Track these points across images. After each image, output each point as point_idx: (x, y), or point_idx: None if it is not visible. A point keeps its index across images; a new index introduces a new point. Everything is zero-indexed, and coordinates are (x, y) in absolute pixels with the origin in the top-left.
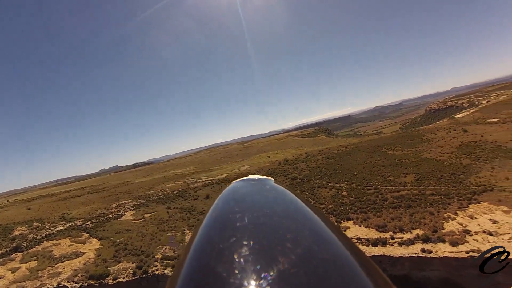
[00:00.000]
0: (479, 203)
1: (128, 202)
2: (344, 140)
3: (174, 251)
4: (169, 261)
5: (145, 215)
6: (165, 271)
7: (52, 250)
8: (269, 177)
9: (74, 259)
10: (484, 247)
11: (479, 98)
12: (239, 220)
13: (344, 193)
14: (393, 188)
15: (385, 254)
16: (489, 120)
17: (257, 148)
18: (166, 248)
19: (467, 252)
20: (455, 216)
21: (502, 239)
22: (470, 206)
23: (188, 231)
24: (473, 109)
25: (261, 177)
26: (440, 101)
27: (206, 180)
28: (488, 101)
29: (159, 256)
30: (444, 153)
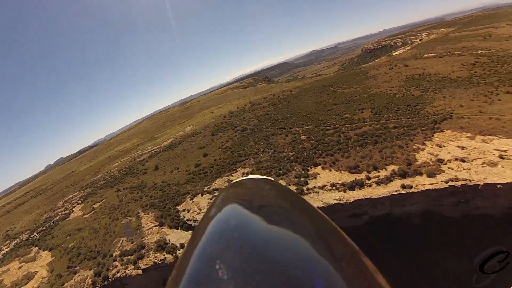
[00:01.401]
0: (442, 131)
1: (75, 196)
2: (287, 85)
3: (132, 242)
4: (129, 257)
5: (94, 206)
6: (127, 271)
7: (2, 280)
8: (269, 177)
9: (26, 284)
10: (462, 175)
11: (412, 37)
12: (237, 227)
13: (303, 137)
14: (353, 125)
15: (366, 197)
16: (426, 55)
17: (198, 106)
18: (123, 241)
19: (446, 182)
20: (424, 147)
21: (476, 164)
22: (435, 135)
23: (143, 213)
24: (408, 46)
25: (260, 177)
26: (375, 41)
27: (152, 150)
28: (420, 39)
29: (117, 253)
30: (393, 87)
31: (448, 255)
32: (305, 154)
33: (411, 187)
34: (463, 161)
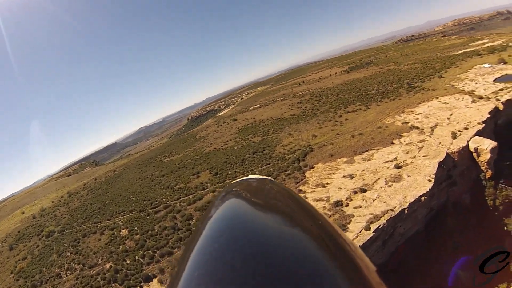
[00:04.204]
0: (313, 167)
1: None
2: (111, 165)
3: None
4: None
5: None
6: None
7: None
8: (269, 177)
9: None
10: (376, 208)
11: (233, 99)
12: (237, 227)
13: (124, 232)
14: (191, 197)
15: None
16: (252, 108)
17: (11, 206)
18: None
19: (367, 229)
20: (304, 194)
21: (380, 187)
22: (307, 174)
23: None
24: (231, 106)
25: (260, 176)
26: (199, 109)
27: None
28: (242, 98)
29: None
30: (227, 141)
31: None
32: (129, 262)
33: None
34: (364, 190)
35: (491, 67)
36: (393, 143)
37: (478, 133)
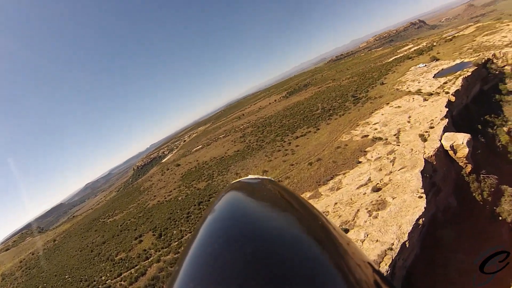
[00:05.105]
0: None
1: None
2: (52, 233)
3: None
4: None
5: None
6: None
7: None
8: (269, 177)
9: None
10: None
11: (176, 143)
12: (237, 227)
13: None
14: (133, 272)
15: None
16: (194, 149)
17: None
18: None
19: None
20: None
21: (368, 221)
22: None
23: None
24: (175, 150)
25: (260, 177)
26: (144, 157)
27: None
28: (184, 141)
29: None
30: (171, 191)
31: None
32: None
33: None
34: (345, 231)
35: (425, 66)
36: (360, 162)
37: (446, 129)
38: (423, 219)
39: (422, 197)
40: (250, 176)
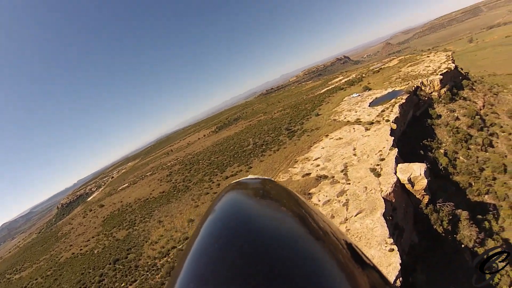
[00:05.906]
0: None
1: None
2: None
3: None
4: None
5: None
6: None
7: None
8: (269, 177)
9: None
10: None
11: (104, 179)
12: (237, 227)
13: None
14: None
15: None
16: (120, 188)
17: None
18: None
19: None
20: None
21: None
22: None
23: None
24: (102, 187)
25: (259, 176)
26: (70, 194)
27: None
28: (112, 177)
29: None
30: (89, 239)
31: None
32: None
33: None
34: None
35: (359, 95)
36: None
37: (397, 160)
38: (401, 279)
39: (393, 249)
40: (250, 176)
